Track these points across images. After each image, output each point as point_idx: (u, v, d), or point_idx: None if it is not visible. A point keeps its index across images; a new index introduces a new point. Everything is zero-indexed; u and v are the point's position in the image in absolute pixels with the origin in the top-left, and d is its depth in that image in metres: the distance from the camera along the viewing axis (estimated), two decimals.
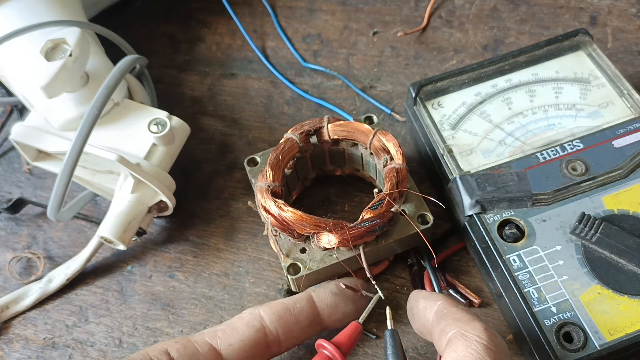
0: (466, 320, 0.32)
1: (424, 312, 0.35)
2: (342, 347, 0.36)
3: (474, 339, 0.31)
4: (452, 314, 0.33)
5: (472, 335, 0.31)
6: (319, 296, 0.38)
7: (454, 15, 0.58)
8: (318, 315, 0.38)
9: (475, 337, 0.31)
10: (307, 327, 0.38)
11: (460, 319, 0.32)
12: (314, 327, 0.38)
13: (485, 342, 0.30)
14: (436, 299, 0.35)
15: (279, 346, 0.37)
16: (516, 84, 0.46)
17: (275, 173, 0.41)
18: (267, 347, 0.37)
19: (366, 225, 0.38)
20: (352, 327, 0.37)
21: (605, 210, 0.39)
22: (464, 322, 0.32)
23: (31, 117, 0.47)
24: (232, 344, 0.36)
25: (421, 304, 0.36)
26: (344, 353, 0.36)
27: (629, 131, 0.42)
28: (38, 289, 0.46)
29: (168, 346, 0.35)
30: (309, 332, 0.38)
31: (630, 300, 0.36)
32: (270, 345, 0.37)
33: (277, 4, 0.62)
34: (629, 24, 0.55)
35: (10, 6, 0.47)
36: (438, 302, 0.35)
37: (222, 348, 0.36)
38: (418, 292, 0.37)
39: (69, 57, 0.42)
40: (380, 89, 0.55)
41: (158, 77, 0.57)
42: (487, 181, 0.41)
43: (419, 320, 0.36)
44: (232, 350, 0.36)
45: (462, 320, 0.32)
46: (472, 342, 0.31)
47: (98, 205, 0.51)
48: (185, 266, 0.47)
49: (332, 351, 0.36)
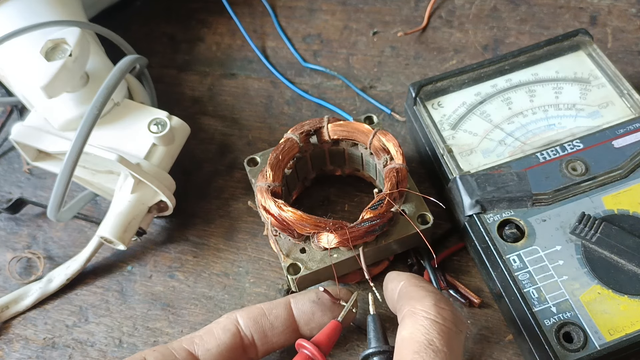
0: (418, 297, 0.33)
1: (392, 293, 0.36)
2: (322, 346, 0.36)
3: (421, 314, 0.31)
4: (409, 293, 0.34)
5: (419, 311, 0.31)
6: (297, 303, 0.38)
7: (454, 15, 0.58)
8: (294, 322, 0.38)
9: (422, 313, 0.31)
10: (283, 333, 0.38)
11: (413, 297, 0.33)
12: (290, 333, 0.38)
13: (432, 317, 0.31)
14: (400, 280, 0.35)
15: (256, 351, 0.38)
16: (516, 84, 0.46)
17: (275, 173, 0.41)
18: (243, 351, 0.37)
19: (366, 225, 0.38)
20: (332, 325, 0.37)
21: (605, 210, 0.39)
22: (416, 300, 0.32)
23: (31, 117, 0.47)
24: (210, 349, 0.36)
25: (389, 286, 0.36)
26: (324, 352, 0.36)
27: (629, 131, 0.42)
28: (38, 289, 0.46)
29: (146, 355, 0.35)
30: (285, 339, 0.38)
31: (630, 300, 0.36)
32: (247, 349, 0.37)
33: (277, 4, 0.62)
34: (629, 24, 0.55)
35: (10, 6, 0.47)
36: (401, 282, 0.35)
37: (200, 354, 0.36)
38: (389, 274, 0.37)
39: (69, 57, 0.42)
40: (380, 89, 0.55)
41: (158, 77, 0.57)
42: (487, 181, 0.41)
43: (389, 302, 0.37)
44: (209, 355, 0.36)
45: (415, 298, 0.33)
46: (419, 318, 0.31)
47: (98, 205, 0.51)
48: (185, 266, 0.47)
49: (312, 350, 0.36)
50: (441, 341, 0.30)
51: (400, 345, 0.31)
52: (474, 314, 0.42)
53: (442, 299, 0.33)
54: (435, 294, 0.33)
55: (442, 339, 0.30)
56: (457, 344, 0.31)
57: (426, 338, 0.30)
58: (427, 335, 0.30)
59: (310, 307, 0.38)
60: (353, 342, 0.42)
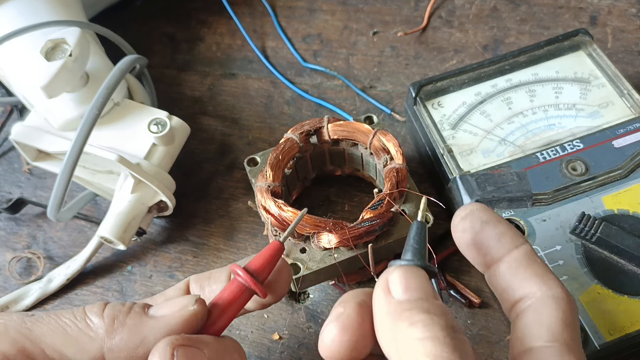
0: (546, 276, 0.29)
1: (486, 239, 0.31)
2: (258, 271, 0.32)
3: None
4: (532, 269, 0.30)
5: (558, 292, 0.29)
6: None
7: (454, 15, 0.58)
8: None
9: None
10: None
11: (537, 273, 0.29)
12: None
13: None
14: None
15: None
16: (516, 84, 0.46)
17: (275, 173, 0.41)
18: None
19: (366, 225, 0.38)
20: (271, 246, 0.32)
21: (605, 210, 0.39)
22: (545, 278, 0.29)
23: (31, 117, 0.47)
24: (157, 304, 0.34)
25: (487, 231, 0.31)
26: (260, 277, 0.32)
27: (629, 131, 0.42)
28: (38, 289, 0.46)
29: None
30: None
31: (630, 300, 0.36)
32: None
33: (277, 4, 0.62)
34: (629, 24, 0.55)
35: (10, 6, 0.47)
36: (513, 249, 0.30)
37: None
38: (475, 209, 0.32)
39: (69, 57, 0.42)
40: (380, 89, 0.55)
41: (158, 77, 0.57)
42: (487, 181, 0.41)
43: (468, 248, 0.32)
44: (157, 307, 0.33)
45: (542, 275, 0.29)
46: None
47: (98, 205, 0.51)
48: (185, 266, 0.47)
49: (244, 278, 0.31)
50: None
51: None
52: (474, 314, 0.42)
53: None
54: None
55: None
56: None
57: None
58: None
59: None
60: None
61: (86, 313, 0.32)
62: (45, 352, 0.30)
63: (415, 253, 0.29)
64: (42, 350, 0.31)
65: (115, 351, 0.31)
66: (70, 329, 0.31)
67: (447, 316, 0.26)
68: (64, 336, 0.31)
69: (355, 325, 0.28)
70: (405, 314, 0.26)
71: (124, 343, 0.30)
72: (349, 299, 0.29)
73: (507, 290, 0.30)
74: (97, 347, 0.31)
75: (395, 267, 0.28)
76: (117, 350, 0.31)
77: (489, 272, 0.31)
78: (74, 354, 0.31)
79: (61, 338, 0.31)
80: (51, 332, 0.31)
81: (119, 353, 0.31)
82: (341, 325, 0.28)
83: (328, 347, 0.28)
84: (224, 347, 0.31)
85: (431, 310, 0.26)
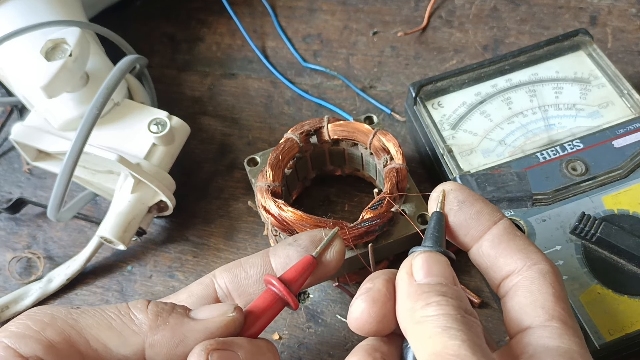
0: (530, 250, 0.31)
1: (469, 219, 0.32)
2: (291, 282, 0.33)
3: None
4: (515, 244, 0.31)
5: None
6: (274, 250, 0.36)
7: (454, 15, 0.58)
8: (271, 270, 0.36)
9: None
10: (259, 281, 0.35)
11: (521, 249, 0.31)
12: None
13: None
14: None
15: (232, 302, 0.35)
16: (516, 84, 0.46)
17: (275, 173, 0.41)
18: (218, 301, 0.35)
19: (366, 225, 0.38)
20: (304, 260, 0.34)
21: (605, 210, 0.39)
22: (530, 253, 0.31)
23: (31, 117, 0.47)
24: (181, 301, 0.35)
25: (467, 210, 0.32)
26: (294, 289, 0.33)
27: (629, 131, 0.42)
28: (38, 289, 0.46)
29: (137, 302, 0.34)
30: (262, 287, 0.35)
31: (630, 300, 0.36)
32: (222, 300, 0.35)
33: (277, 4, 0.62)
34: (629, 24, 0.55)
35: (10, 6, 0.47)
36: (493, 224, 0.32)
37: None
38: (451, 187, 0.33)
39: (69, 57, 0.42)
40: (380, 89, 0.55)
41: (158, 77, 0.57)
42: (487, 181, 0.41)
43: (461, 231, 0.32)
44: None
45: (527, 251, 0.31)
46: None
47: (98, 205, 0.51)
48: (185, 266, 0.47)
49: (279, 287, 0.32)
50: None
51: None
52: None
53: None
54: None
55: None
56: None
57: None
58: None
59: (285, 250, 0.36)
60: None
61: (130, 308, 0.33)
62: (90, 343, 0.31)
63: (436, 240, 0.31)
64: (87, 341, 0.31)
65: (157, 347, 0.31)
66: (114, 322, 0.32)
67: (462, 300, 0.28)
68: (109, 329, 0.32)
69: (383, 299, 0.30)
70: (424, 296, 0.28)
71: (166, 340, 0.31)
72: (378, 276, 0.31)
73: (492, 267, 0.31)
74: (139, 342, 0.31)
75: (419, 252, 0.30)
76: (158, 346, 0.31)
77: (472, 251, 0.32)
78: (116, 346, 0.31)
79: (106, 330, 0.31)
80: (96, 324, 0.32)
81: (159, 349, 0.31)
82: (370, 298, 0.30)
83: (357, 318, 0.30)
84: (258, 348, 0.32)
85: (447, 293, 0.28)
